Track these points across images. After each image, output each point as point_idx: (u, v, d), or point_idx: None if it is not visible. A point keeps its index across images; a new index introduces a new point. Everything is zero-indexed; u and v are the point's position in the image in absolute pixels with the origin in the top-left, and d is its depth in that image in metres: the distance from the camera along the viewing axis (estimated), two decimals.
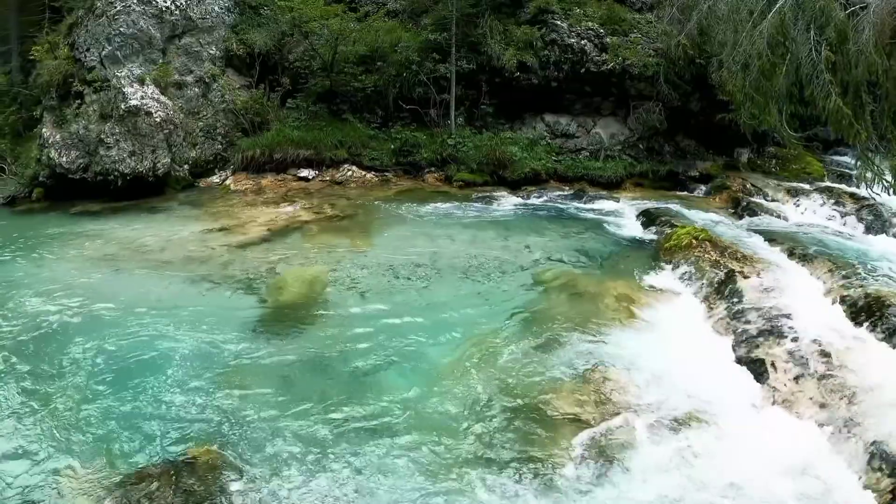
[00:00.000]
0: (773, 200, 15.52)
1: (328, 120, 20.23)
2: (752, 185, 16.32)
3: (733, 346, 8.04)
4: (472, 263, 11.64)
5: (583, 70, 18.86)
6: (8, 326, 9.68)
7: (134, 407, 7.36)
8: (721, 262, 10.14)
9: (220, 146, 20.32)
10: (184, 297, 10.68)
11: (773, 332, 7.84)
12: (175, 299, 10.52)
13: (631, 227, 13.86)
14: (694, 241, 11.10)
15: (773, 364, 7.27)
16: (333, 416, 6.99)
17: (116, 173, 18.39)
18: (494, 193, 17.27)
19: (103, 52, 19.00)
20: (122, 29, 18.92)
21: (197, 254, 12.82)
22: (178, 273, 11.76)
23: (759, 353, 7.59)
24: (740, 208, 14.87)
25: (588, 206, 16.01)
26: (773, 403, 6.81)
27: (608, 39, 18.96)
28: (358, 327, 9.13)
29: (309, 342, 8.77)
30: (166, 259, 12.61)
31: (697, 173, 17.86)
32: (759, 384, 7.20)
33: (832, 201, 14.70)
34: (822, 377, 6.80)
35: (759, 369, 7.36)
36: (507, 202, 16.59)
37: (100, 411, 7.30)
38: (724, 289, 9.38)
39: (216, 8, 20.61)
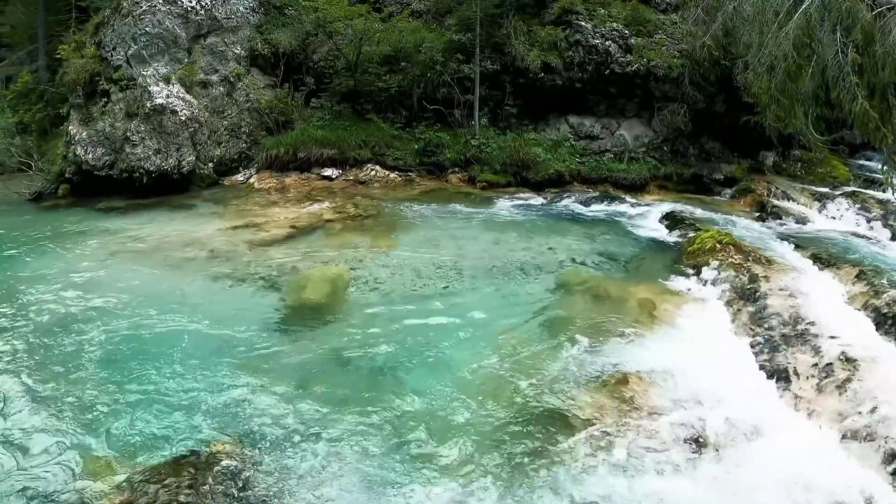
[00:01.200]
0: (798, 204, 15.36)
1: (352, 119, 20.31)
2: (777, 189, 16.19)
3: (755, 352, 7.97)
4: (495, 265, 11.62)
5: (607, 71, 18.77)
6: (31, 319, 9.83)
7: (153, 400, 7.45)
8: (745, 266, 10.06)
9: (244, 145, 20.46)
10: (206, 293, 10.78)
11: (797, 338, 7.78)
12: (197, 295, 10.63)
13: (655, 229, 13.79)
14: (718, 244, 11.03)
15: (795, 371, 7.21)
16: (352, 414, 7.02)
17: (142, 170, 18.58)
18: (518, 195, 17.26)
19: (129, 52, 19.19)
20: (147, 28, 19.10)
21: (220, 251, 12.90)
22: (201, 269, 11.87)
23: (781, 359, 7.52)
24: (765, 212, 14.75)
25: (611, 208, 15.95)
26: (796, 411, 6.74)
27: (633, 40, 18.87)
28: (379, 327, 9.15)
29: (330, 340, 8.81)
30: (190, 256, 12.72)
31: (722, 176, 17.73)
32: (780, 391, 7.13)
33: (858, 206, 14.56)
34: (846, 386, 6.70)
35: (781, 376, 7.29)
36: (531, 203, 16.57)
37: (118, 403, 7.40)
38: (747, 293, 9.31)
39: (241, 8, 20.76)
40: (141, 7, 19.15)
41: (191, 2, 19.59)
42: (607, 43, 18.79)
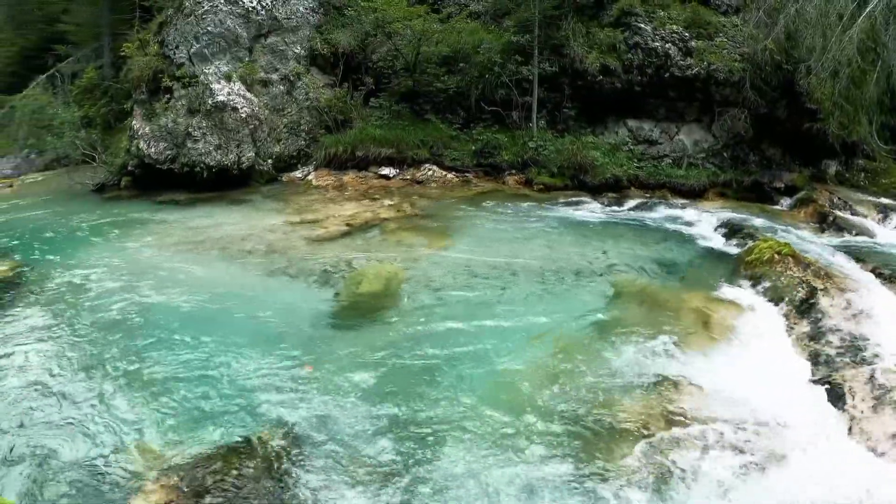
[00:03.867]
0: (860, 216, 15.00)
1: (410, 119, 20.49)
2: (840, 199, 15.84)
3: (811, 368, 7.85)
4: (549, 268, 11.62)
5: (667, 74, 18.60)
6: (91, 305, 10.21)
7: (205, 388, 7.67)
8: (803, 279, 9.87)
9: (303, 142, 20.78)
10: (262, 286, 11.05)
11: (854, 356, 7.66)
12: (254, 288, 10.91)
13: (712, 238, 13.60)
14: (776, 255, 10.79)
15: (850, 390, 7.06)
16: (400, 410, 7.13)
17: (202, 165, 18.99)
18: (574, 198, 17.22)
19: (192, 50, 19.60)
20: (209, 28, 19.51)
21: (277, 245, 13.17)
22: (257, 263, 12.17)
23: (837, 377, 7.38)
24: (826, 223, 14.42)
25: (668, 214, 15.81)
26: (849, 432, 6.60)
27: (693, 43, 18.66)
28: (431, 325, 9.25)
29: (382, 337, 8.92)
30: (247, 249, 13.02)
31: (782, 184, 17.38)
32: (834, 410, 6.96)
33: None
34: None
35: (835, 394, 7.13)
36: (587, 207, 16.51)
37: (171, 390, 7.64)
38: (804, 307, 9.16)
39: (301, 8, 21.04)
40: (203, 7, 19.56)
41: (252, 2, 19.94)
42: (667, 45, 18.61)
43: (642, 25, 19.09)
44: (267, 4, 20.27)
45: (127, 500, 5.78)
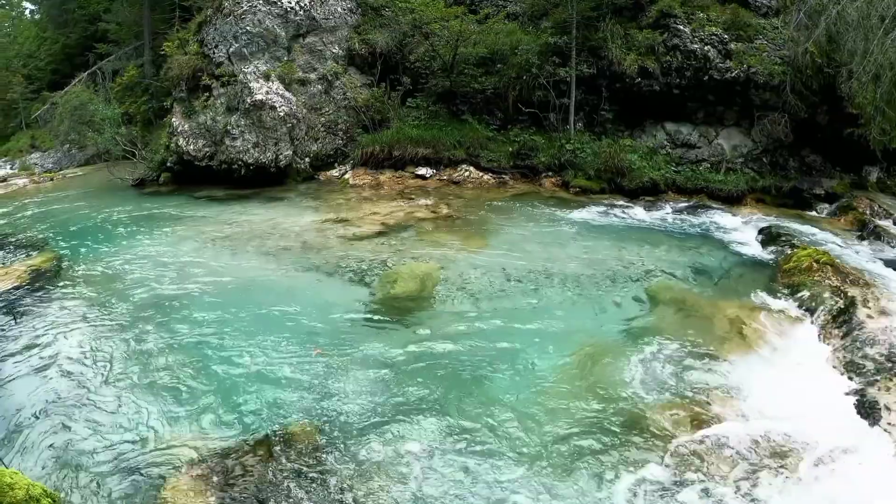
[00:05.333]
0: None
1: (447, 120, 20.57)
2: (881, 207, 15.59)
3: (846, 381, 7.72)
4: (584, 272, 11.59)
5: (706, 77, 18.45)
6: (130, 296, 10.45)
7: (237, 379, 7.81)
8: (842, 288, 9.74)
9: (340, 141, 20.97)
10: (297, 282, 11.21)
11: (891, 369, 7.53)
12: (289, 284, 11.07)
13: (750, 244, 13.45)
14: (815, 264, 10.67)
15: (886, 406, 6.91)
16: (430, 409, 7.17)
17: (240, 162, 19.29)
18: (611, 201, 17.19)
19: (231, 49, 19.88)
20: (248, 27, 19.79)
21: (313, 243, 13.35)
22: (293, 260, 12.36)
23: (873, 392, 7.23)
24: (866, 232, 14.13)
25: (706, 220, 15.67)
26: (884, 446, 6.42)
27: (732, 45, 18.52)
28: (465, 325, 9.30)
29: (415, 336, 9.00)
30: (283, 246, 13.23)
31: (822, 191, 17.18)
32: (868, 426, 6.80)
33: None
34: None
35: (870, 410, 6.97)
36: (624, 211, 16.44)
37: (206, 381, 7.80)
38: (842, 318, 9.02)
39: (339, 9, 21.24)
40: (242, 7, 19.84)
41: (290, 2, 20.15)
42: (706, 48, 18.48)
43: (681, 27, 18.96)
44: (305, 5, 20.48)
45: (156, 488, 5.88)
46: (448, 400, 7.35)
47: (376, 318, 9.67)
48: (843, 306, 9.27)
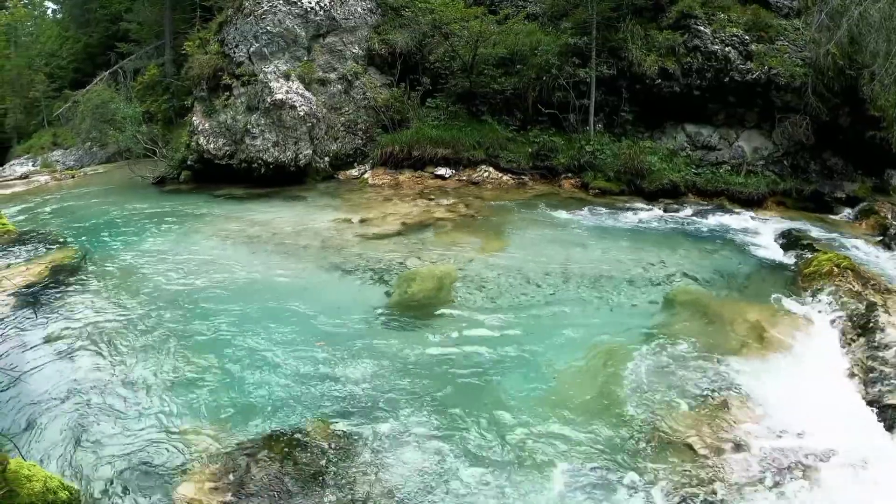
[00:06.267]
0: None
1: (467, 120, 20.62)
2: None
3: (866, 387, 7.65)
4: (603, 274, 11.56)
5: (726, 79, 18.39)
6: (149, 293, 10.53)
7: (255, 377, 7.84)
8: (862, 294, 9.65)
9: (360, 141, 21.06)
10: (316, 281, 11.25)
11: None
12: (307, 283, 11.11)
13: (770, 248, 13.35)
14: (835, 268, 10.57)
15: None
16: (447, 410, 7.16)
17: (260, 161, 19.44)
18: (630, 203, 17.15)
19: (251, 49, 20.01)
20: (268, 27, 19.92)
21: (332, 242, 13.41)
22: (312, 258, 12.42)
23: (893, 398, 7.19)
24: (888, 236, 13.96)
25: (726, 222, 15.55)
26: None
27: (753, 47, 18.44)
28: (482, 327, 9.27)
29: (432, 336, 9.01)
30: (302, 244, 13.31)
31: (844, 195, 17.06)
32: (889, 434, 6.77)
33: None
34: None
35: (891, 417, 6.93)
36: (643, 213, 16.39)
37: (223, 377, 7.85)
38: (862, 323, 8.92)
39: (359, 9, 21.33)
40: (262, 7, 19.98)
41: (310, 2, 20.25)
42: (727, 49, 18.41)
43: (702, 28, 18.90)
44: (325, 5, 20.56)
45: (172, 483, 5.93)
46: (465, 401, 7.34)
47: (394, 317, 9.70)
48: (863, 312, 9.18)
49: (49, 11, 52.71)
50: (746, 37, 18.61)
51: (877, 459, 6.36)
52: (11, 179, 27.56)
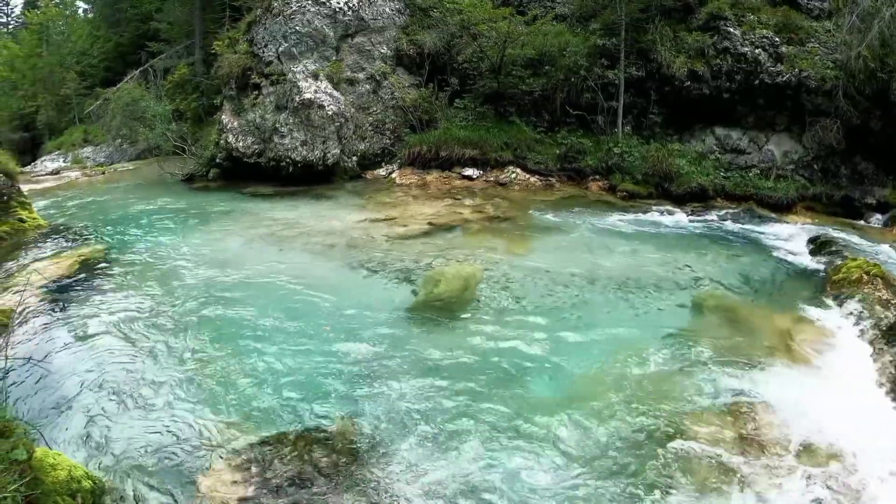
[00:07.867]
0: None
1: (494, 121, 20.65)
2: None
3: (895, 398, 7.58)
4: (629, 277, 11.51)
5: (756, 81, 18.28)
6: (177, 289, 10.63)
7: (281, 374, 7.88)
8: (892, 302, 9.55)
9: (387, 141, 21.16)
10: (343, 279, 11.31)
11: None
12: (334, 281, 11.15)
13: (798, 253, 13.24)
14: (865, 276, 10.42)
15: None
16: (470, 408, 7.16)
17: (288, 160, 19.60)
18: (658, 206, 17.08)
19: (280, 49, 20.18)
20: (297, 27, 20.09)
21: (358, 241, 13.49)
22: (339, 257, 12.50)
23: None
24: None
25: (755, 227, 15.45)
26: None
27: (783, 49, 18.31)
28: (507, 328, 9.26)
29: (457, 336, 8.99)
30: (329, 243, 13.39)
31: (874, 200, 16.86)
32: None
33: None
34: None
35: None
36: (671, 217, 16.33)
37: (248, 373, 7.88)
38: (892, 332, 8.82)
39: (387, 10, 21.44)
40: (291, 7, 20.14)
41: (339, 3, 20.39)
42: (757, 51, 18.30)
43: (731, 30, 18.80)
44: (354, 5, 20.69)
45: (195, 476, 5.97)
46: (483, 399, 7.36)
47: (419, 317, 9.72)
48: (893, 320, 9.07)
49: (80, 11, 53.41)
50: (776, 39, 18.49)
51: None
52: (43, 175, 27.88)
